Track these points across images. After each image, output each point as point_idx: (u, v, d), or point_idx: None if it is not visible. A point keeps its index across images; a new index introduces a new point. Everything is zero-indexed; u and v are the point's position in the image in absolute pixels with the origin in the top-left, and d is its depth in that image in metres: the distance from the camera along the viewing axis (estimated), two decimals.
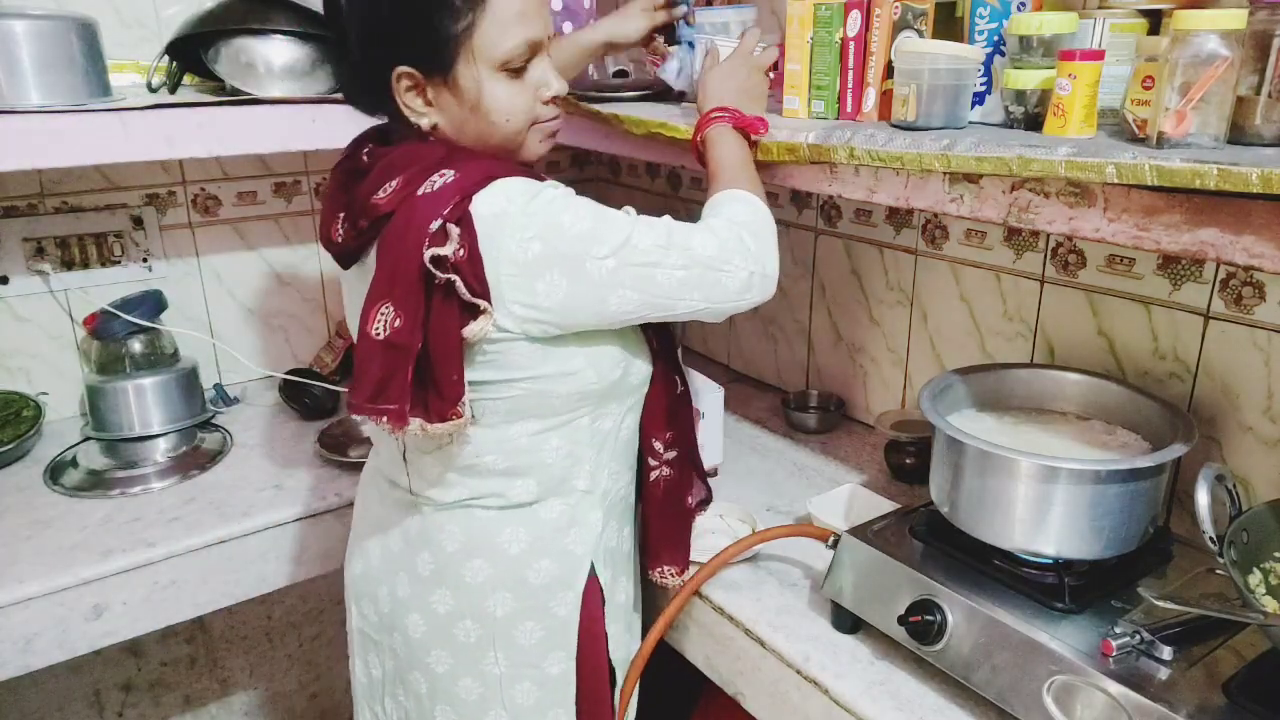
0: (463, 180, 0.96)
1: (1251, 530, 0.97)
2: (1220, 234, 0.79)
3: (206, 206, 1.83)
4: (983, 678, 0.99)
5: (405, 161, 1.00)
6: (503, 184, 0.97)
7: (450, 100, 1.01)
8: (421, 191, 0.96)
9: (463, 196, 0.95)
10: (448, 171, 0.97)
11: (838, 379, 1.81)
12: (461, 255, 0.94)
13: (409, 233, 0.95)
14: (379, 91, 1.01)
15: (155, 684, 1.95)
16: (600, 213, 1.00)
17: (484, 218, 0.95)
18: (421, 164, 0.99)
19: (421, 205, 0.95)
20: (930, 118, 1.03)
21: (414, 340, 0.97)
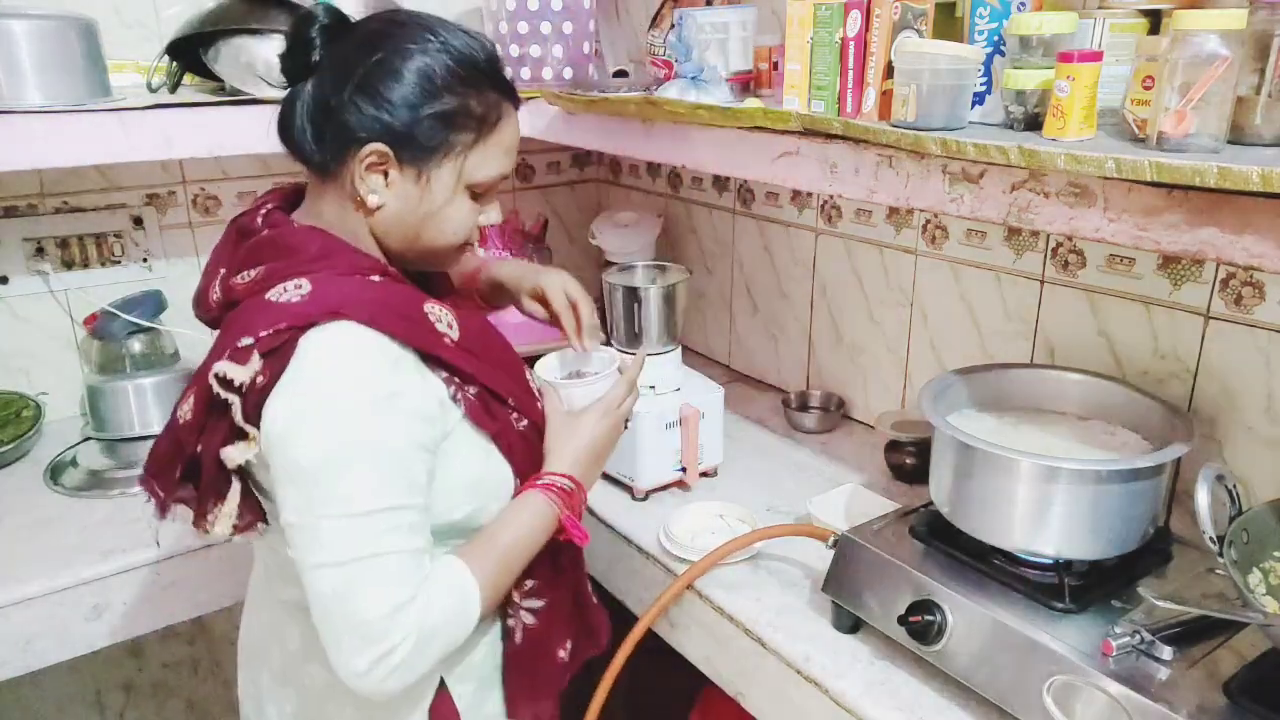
0: (308, 304, 0.90)
1: (1251, 530, 0.97)
2: (1220, 234, 0.79)
3: (206, 206, 1.83)
4: (983, 678, 0.99)
5: (278, 250, 0.96)
6: (332, 339, 0.88)
7: (411, 193, 0.96)
8: (268, 296, 0.92)
9: (292, 327, 0.88)
10: (304, 283, 0.92)
11: (838, 379, 1.81)
12: (259, 382, 0.88)
13: (230, 335, 0.91)
14: (332, 150, 0.95)
15: (157, 685, 1.95)
16: (356, 471, 0.87)
17: (300, 372, 0.88)
18: (291, 259, 0.94)
19: (254, 313, 0.91)
20: (930, 118, 1.03)
21: (192, 441, 0.94)
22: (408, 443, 0.90)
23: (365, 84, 0.92)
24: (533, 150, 2.20)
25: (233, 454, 0.91)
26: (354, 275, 0.95)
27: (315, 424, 0.87)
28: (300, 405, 0.87)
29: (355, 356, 0.89)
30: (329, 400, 0.87)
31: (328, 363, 0.88)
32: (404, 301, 0.96)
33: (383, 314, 0.91)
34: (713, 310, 2.09)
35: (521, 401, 1.05)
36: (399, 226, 0.98)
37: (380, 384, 0.89)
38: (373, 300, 0.92)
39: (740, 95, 1.43)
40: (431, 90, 0.93)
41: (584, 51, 1.69)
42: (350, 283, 0.94)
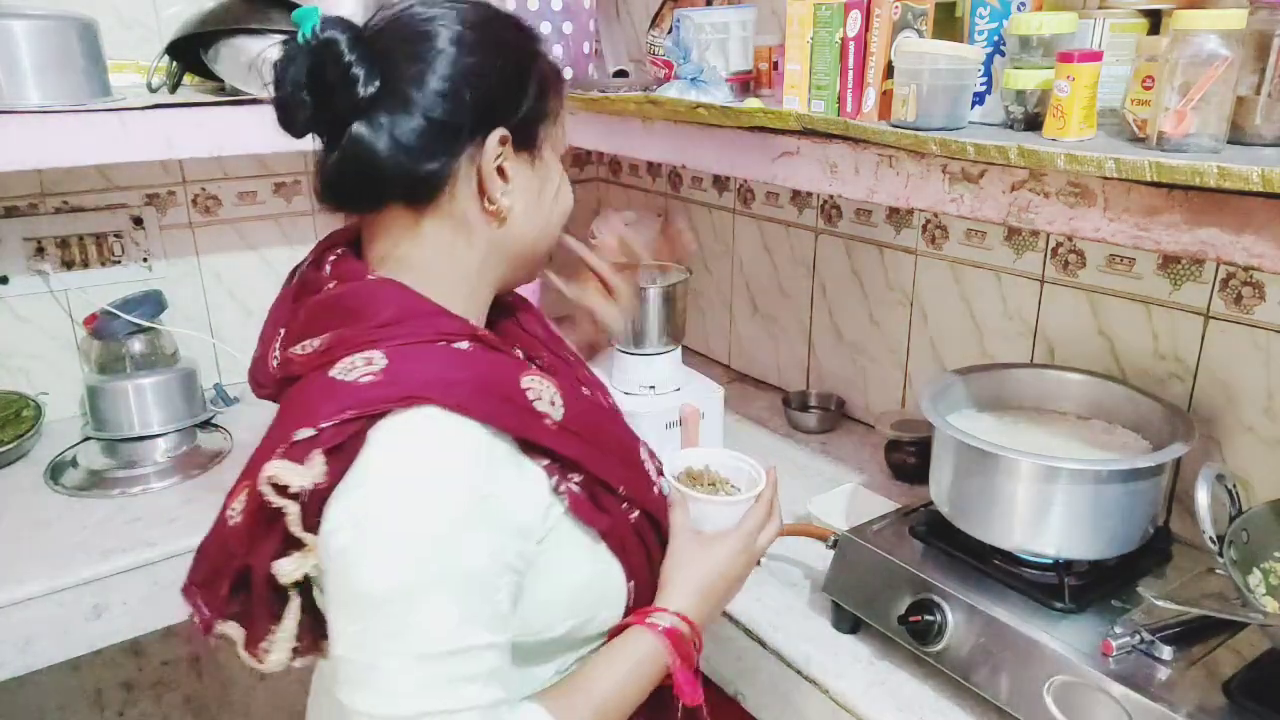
0: (382, 385, 0.73)
1: (1251, 530, 0.97)
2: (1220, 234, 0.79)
3: (206, 206, 1.83)
4: (983, 678, 0.99)
5: (347, 309, 0.79)
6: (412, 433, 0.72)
7: (531, 180, 0.83)
8: (333, 373, 0.74)
9: (362, 415, 0.71)
10: (376, 357, 0.74)
11: (838, 379, 1.81)
12: (321, 486, 0.71)
13: (286, 423, 0.74)
14: (442, 163, 0.78)
15: (157, 684, 1.95)
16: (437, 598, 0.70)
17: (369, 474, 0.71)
18: (360, 323, 0.77)
19: (316, 396, 0.74)
20: (930, 118, 1.03)
21: (242, 550, 0.78)
22: (495, 564, 0.72)
23: (449, 74, 0.77)
24: None
25: (287, 568, 0.74)
26: (438, 342, 0.77)
27: (385, 542, 0.69)
28: (367, 517, 0.70)
29: (440, 454, 0.72)
30: (405, 511, 0.70)
31: (405, 463, 0.71)
32: (499, 377, 0.78)
33: (475, 395, 0.74)
34: (713, 310, 2.09)
35: (634, 488, 0.87)
36: (528, 226, 0.84)
37: (469, 489, 0.71)
38: (463, 378, 0.75)
39: (740, 95, 1.43)
40: (514, 56, 0.81)
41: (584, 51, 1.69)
42: (433, 353, 0.76)
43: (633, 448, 0.91)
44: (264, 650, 0.80)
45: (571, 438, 0.80)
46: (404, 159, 0.77)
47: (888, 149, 1.03)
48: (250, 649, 0.81)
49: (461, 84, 0.77)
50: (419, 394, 0.72)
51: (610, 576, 0.84)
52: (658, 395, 1.50)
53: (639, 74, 1.77)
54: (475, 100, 0.78)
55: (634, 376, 1.51)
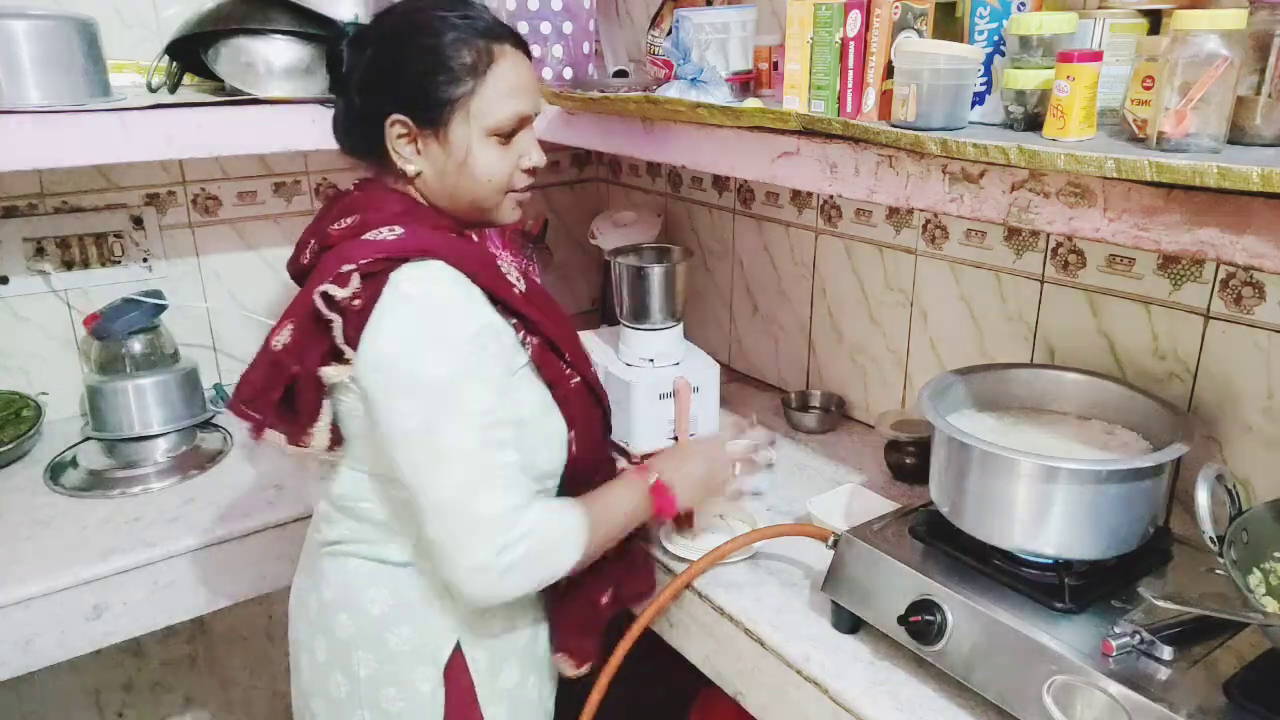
0: (403, 241, 1.02)
1: (1251, 530, 0.97)
2: (1220, 234, 0.79)
3: (206, 206, 1.83)
4: (983, 678, 0.99)
5: (367, 203, 1.09)
6: (428, 272, 1.00)
7: (438, 152, 1.07)
8: (367, 236, 1.03)
9: (389, 257, 1.00)
10: (397, 228, 1.03)
11: (838, 379, 1.81)
12: (355, 305, 0.99)
13: (330, 266, 1.01)
14: (370, 136, 1.07)
15: (156, 684, 1.95)
16: (462, 387, 0.99)
17: (405, 299, 0.99)
18: (381, 210, 1.06)
19: (353, 248, 1.02)
20: (930, 118, 1.03)
21: (293, 363, 1.04)
22: (503, 369, 1.03)
23: (377, 71, 1.06)
24: None
25: (330, 373, 1.02)
26: (437, 229, 1.07)
27: (437, 342, 0.98)
28: (417, 327, 0.98)
29: (454, 287, 1.01)
30: (445, 323, 0.99)
31: (432, 292, 1.00)
32: (480, 252, 1.10)
33: (468, 259, 1.04)
34: (712, 310, 2.09)
35: (577, 359, 1.15)
36: (440, 185, 1.09)
37: (478, 315, 1.01)
38: (458, 246, 1.05)
39: (740, 95, 1.43)
40: (423, 57, 1.04)
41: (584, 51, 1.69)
42: (435, 233, 1.06)
43: (573, 333, 1.19)
44: (310, 437, 1.06)
45: (532, 305, 1.09)
46: (346, 130, 1.13)
47: (888, 149, 1.03)
48: (298, 440, 1.07)
49: (381, 80, 1.06)
50: (430, 249, 1.02)
51: (553, 419, 1.11)
52: (656, 368, 1.57)
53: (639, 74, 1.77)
54: (380, 92, 1.06)
55: (635, 349, 1.59)
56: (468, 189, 1.09)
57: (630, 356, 1.60)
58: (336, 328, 1.00)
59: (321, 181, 1.92)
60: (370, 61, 1.06)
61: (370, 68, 1.07)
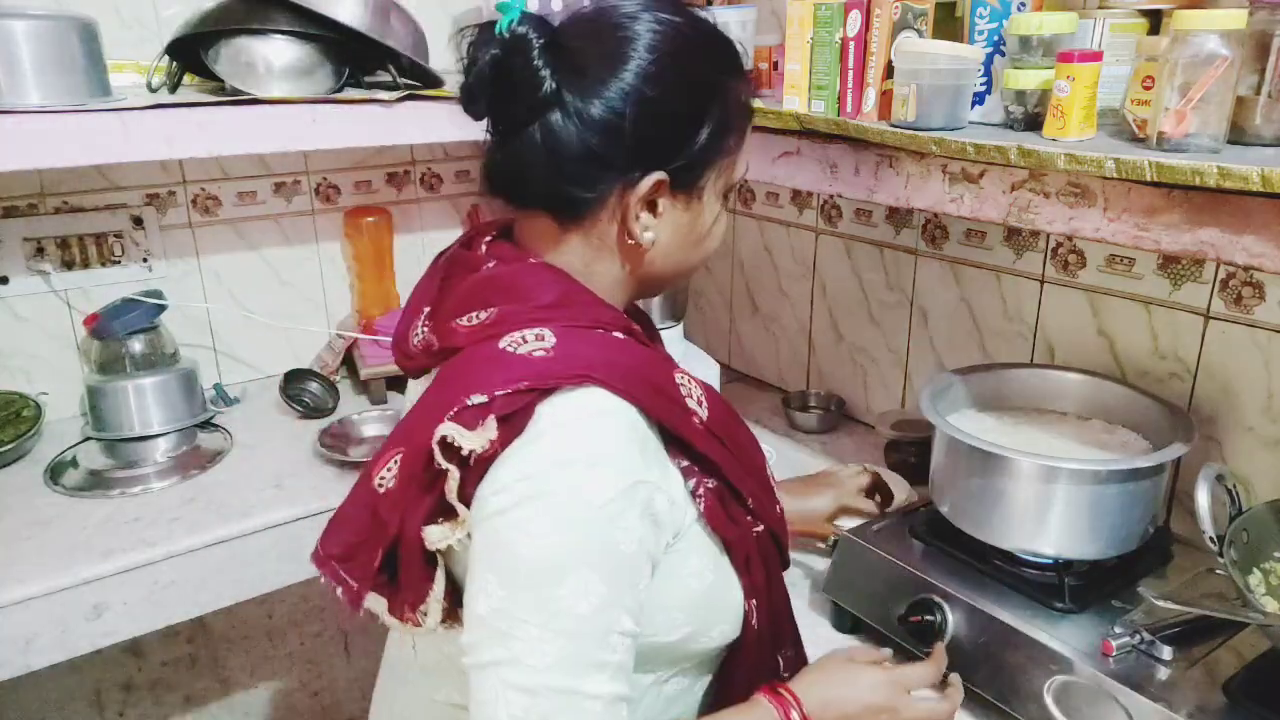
0: (554, 361, 0.74)
1: (1251, 530, 0.97)
2: (1220, 234, 0.79)
3: (206, 206, 1.83)
4: (983, 678, 0.99)
5: (511, 288, 0.80)
6: (583, 408, 0.73)
7: (683, 220, 0.82)
8: (503, 345, 0.75)
9: (535, 389, 0.72)
10: (547, 334, 0.76)
11: (838, 379, 1.81)
12: (486, 452, 0.71)
13: (455, 389, 0.74)
14: (593, 190, 0.78)
15: (155, 683, 1.95)
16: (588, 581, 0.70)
17: (538, 445, 0.72)
18: (527, 302, 0.78)
19: (487, 366, 0.74)
20: (930, 118, 1.03)
21: (394, 517, 0.77)
22: (641, 551, 0.72)
23: (621, 105, 0.75)
24: None
25: (435, 535, 0.75)
26: (597, 329, 0.79)
27: (545, 511, 0.70)
28: (532, 485, 0.70)
29: (607, 433, 0.73)
30: (567, 483, 0.70)
31: (573, 438, 0.72)
32: (654, 368, 0.79)
33: (637, 382, 0.75)
34: (712, 310, 2.09)
35: (760, 502, 0.85)
36: (666, 260, 0.83)
37: (629, 471, 0.72)
38: (627, 363, 0.76)
39: None
40: (699, 96, 0.78)
41: None
42: (596, 338, 0.78)
43: (761, 461, 0.90)
44: (421, 614, 0.78)
45: (714, 440, 0.80)
46: (555, 178, 0.78)
47: (888, 149, 1.03)
48: (403, 615, 0.79)
49: (631, 119, 0.76)
50: (588, 373, 0.73)
51: (730, 590, 0.83)
52: None
53: None
54: (639, 139, 0.76)
55: None
56: (692, 262, 0.86)
57: None
58: (452, 483, 0.72)
59: (321, 181, 1.92)
60: (608, 84, 0.76)
61: (609, 95, 0.75)
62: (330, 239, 1.95)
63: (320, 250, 1.95)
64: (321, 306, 1.99)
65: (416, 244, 2.04)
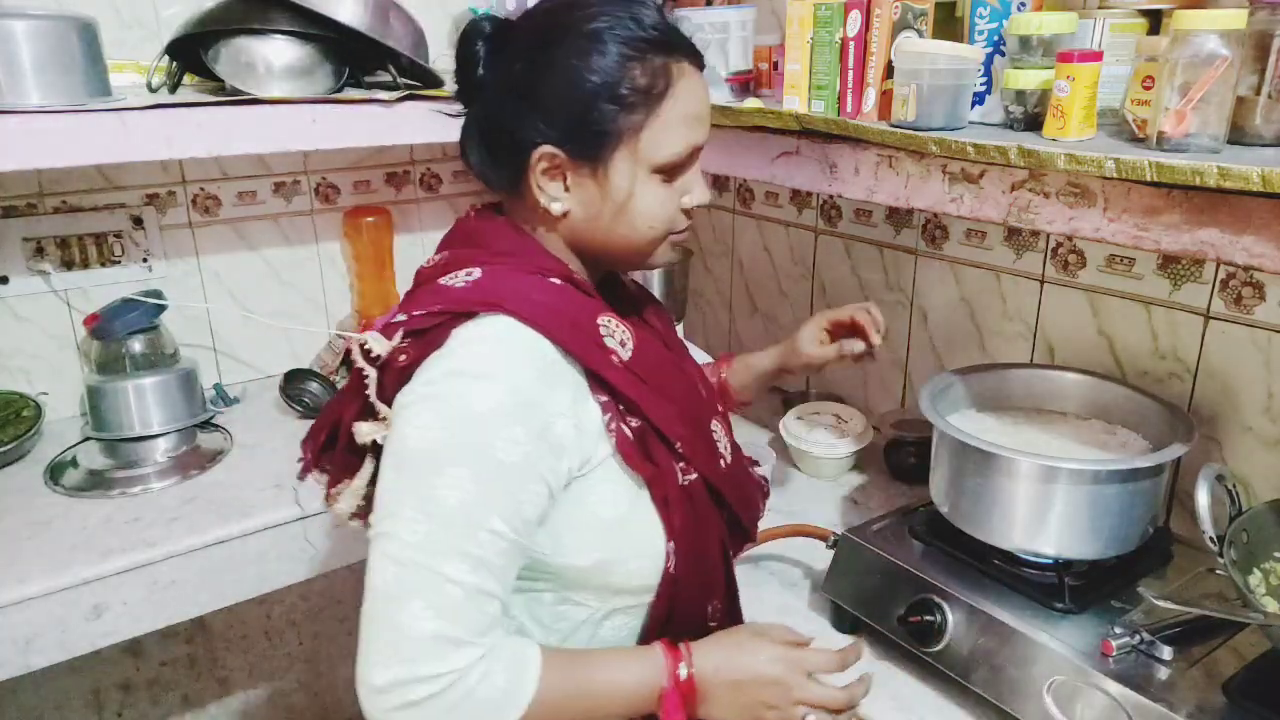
0: (470, 292, 0.85)
1: (1251, 530, 0.97)
2: (1220, 234, 0.79)
3: (206, 206, 1.83)
4: (983, 678, 0.99)
5: (468, 238, 0.94)
6: (487, 329, 0.83)
7: (593, 192, 0.88)
8: (441, 280, 0.88)
9: (446, 311, 0.84)
10: (475, 272, 0.87)
11: (838, 379, 1.81)
12: (400, 362, 0.84)
13: (394, 311, 0.89)
14: (509, 163, 0.89)
15: (154, 683, 1.95)
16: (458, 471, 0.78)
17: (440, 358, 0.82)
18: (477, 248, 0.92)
19: (422, 295, 0.88)
20: (930, 118, 1.03)
21: (337, 409, 0.93)
22: (524, 465, 0.80)
23: (524, 87, 0.86)
24: None
25: (362, 429, 0.88)
26: (534, 275, 0.88)
27: (434, 409, 0.80)
28: (427, 389, 0.81)
29: (500, 352, 0.82)
30: (456, 390, 0.80)
31: (470, 353, 0.82)
32: (577, 308, 0.87)
33: (547, 315, 0.84)
34: (712, 310, 2.09)
35: (694, 450, 0.91)
36: (589, 229, 0.90)
37: (519, 390, 0.81)
38: (542, 301, 0.85)
39: (740, 95, 1.43)
40: (585, 76, 0.84)
41: None
42: (524, 279, 0.87)
43: (703, 415, 0.96)
44: (334, 496, 0.93)
45: (633, 379, 0.87)
46: (483, 153, 0.92)
47: (888, 149, 1.03)
48: (327, 497, 0.95)
49: (525, 99, 0.86)
50: (499, 302, 0.83)
51: (647, 527, 0.88)
52: None
53: None
54: (532, 115, 0.86)
55: None
56: (623, 234, 0.90)
57: None
58: (370, 383, 0.86)
59: (321, 181, 1.92)
60: (518, 75, 0.87)
61: (516, 81, 0.87)
62: (330, 239, 1.95)
63: (320, 250, 1.95)
64: (321, 306, 1.99)
65: (416, 244, 2.04)
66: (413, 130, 1.50)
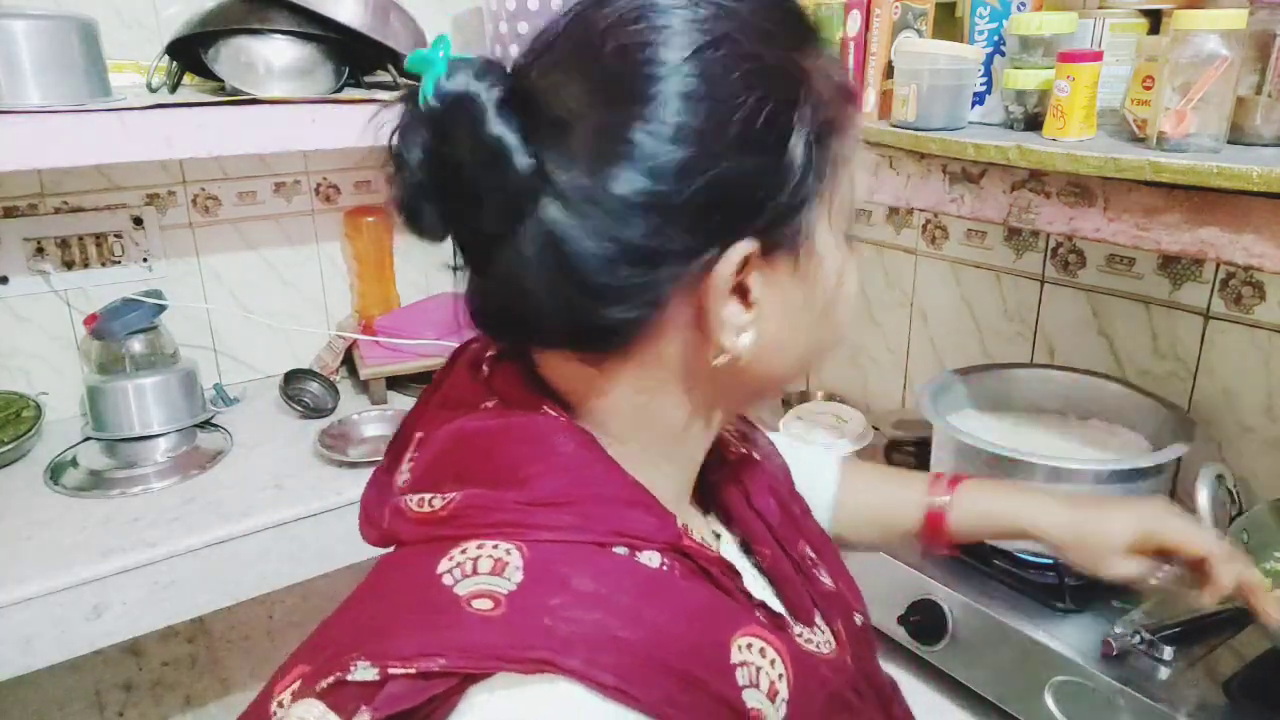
0: (500, 627, 0.45)
1: (1251, 530, 0.97)
2: (1220, 234, 0.79)
3: (206, 206, 1.83)
4: (983, 678, 0.99)
5: (495, 454, 0.52)
6: (538, 712, 0.44)
7: (794, 292, 0.53)
8: (440, 569, 0.47)
9: (456, 673, 0.44)
10: (514, 558, 0.47)
11: (838, 379, 1.81)
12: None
13: (356, 630, 0.48)
14: (641, 313, 0.49)
15: (157, 684, 1.95)
16: None
17: None
18: (511, 485, 0.50)
19: (406, 604, 0.48)
20: (930, 118, 1.03)
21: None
22: None
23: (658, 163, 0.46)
24: None
25: None
26: (612, 547, 0.50)
27: None
28: None
29: None
30: None
31: None
32: (700, 638, 0.48)
33: (648, 672, 0.45)
34: None
35: None
36: (780, 358, 0.54)
37: None
38: (636, 637, 0.46)
39: None
40: (775, 100, 0.48)
41: None
42: (601, 575, 0.48)
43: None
44: None
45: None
46: (575, 302, 0.49)
47: (888, 149, 1.03)
48: None
49: (681, 175, 0.47)
50: (553, 660, 0.43)
51: None
52: None
53: None
54: (698, 204, 0.47)
55: None
56: (825, 340, 0.57)
57: None
58: None
59: (321, 181, 1.92)
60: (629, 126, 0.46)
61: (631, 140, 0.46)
62: (330, 239, 1.95)
63: (320, 250, 1.95)
64: (321, 306, 1.99)
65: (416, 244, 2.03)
66: None
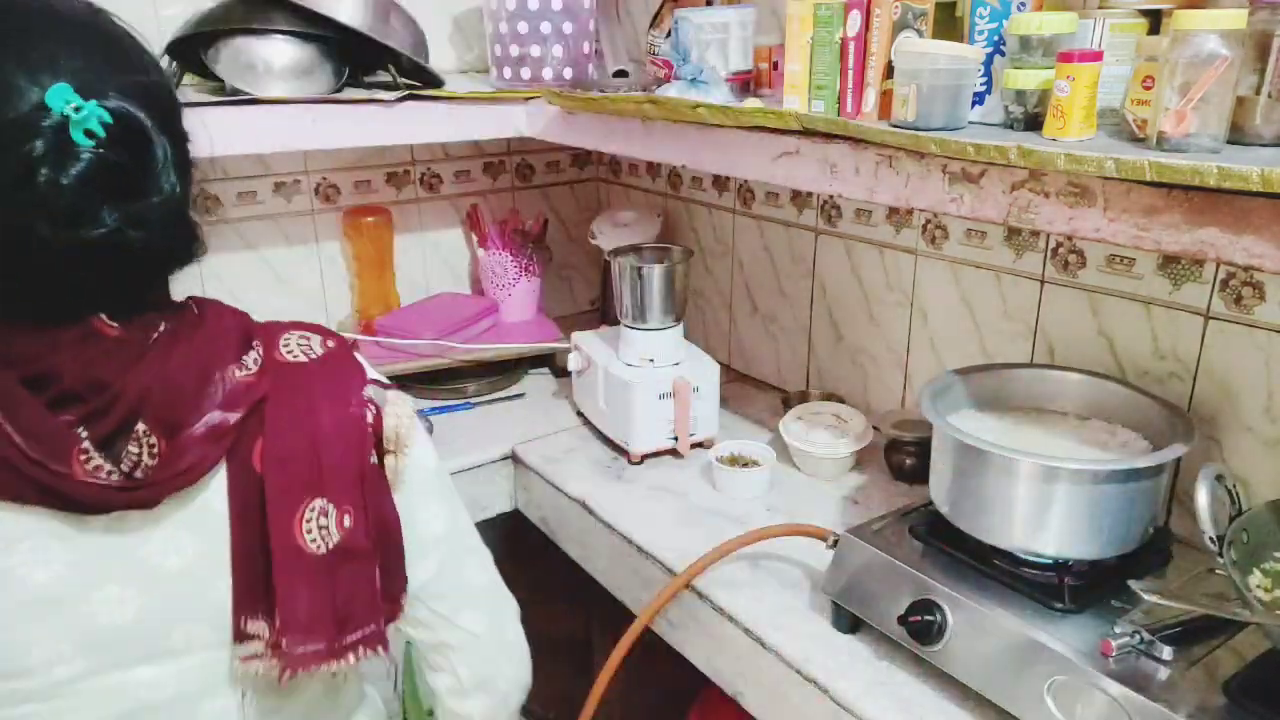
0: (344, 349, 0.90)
1: (1251, 530, 0.97)
2: (1220, 234, 0.79)
3: (206, 206, 1.83)
4: (983, 678, 0.99)
5: (229, 326, 0.87)
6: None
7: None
8: (305, 355, 0.87)
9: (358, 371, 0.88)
10: (313, 336, 0.89)
11: (838, 379, 1.81)
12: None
13: (320, 406, 0.82)
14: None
15: None
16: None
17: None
18: (248, 328, 0.88)
19: (327, 373, 0.86)
20: (930, 118, 1.03)
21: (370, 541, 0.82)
22: None
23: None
24: (533, 150, 2.20)
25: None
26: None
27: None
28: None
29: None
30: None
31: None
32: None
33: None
34: (712, 310, 2.09)
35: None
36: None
37: None
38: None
39: (740, 95, 1.43)
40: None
41: (584, 51, 1.69)
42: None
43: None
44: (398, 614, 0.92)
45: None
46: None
47: (888, 149, 1.03)
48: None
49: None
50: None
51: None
52: (656, 368, 1.60)
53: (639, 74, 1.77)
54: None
55: (635, 349, 1.61)
56: None
57: (630, 357, 1.61)
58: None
59: (321, 181, 1.92)
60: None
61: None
62: (330, 239, 1.95)
63: (320, 250, 1.95)
64: (321, 306, 1.99)
65: (416, 244, 2.05)
66: (413, 130, 1.50)
